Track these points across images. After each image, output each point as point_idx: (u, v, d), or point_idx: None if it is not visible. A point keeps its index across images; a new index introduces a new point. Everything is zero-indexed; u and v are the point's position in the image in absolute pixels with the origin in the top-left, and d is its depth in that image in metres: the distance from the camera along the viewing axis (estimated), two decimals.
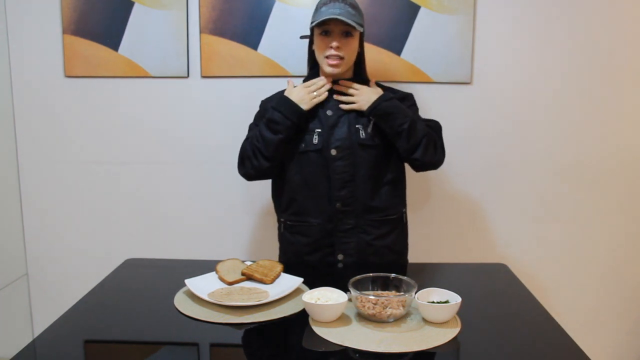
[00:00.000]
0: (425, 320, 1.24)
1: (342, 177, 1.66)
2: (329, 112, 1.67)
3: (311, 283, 1.42)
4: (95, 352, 1.20)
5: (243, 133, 1.74)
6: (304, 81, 1.74)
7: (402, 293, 1.29)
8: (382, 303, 1.23)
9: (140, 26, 2.10)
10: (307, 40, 1.74)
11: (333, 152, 1.66)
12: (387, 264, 1.71)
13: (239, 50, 2.10)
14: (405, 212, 1.80)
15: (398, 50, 2.08)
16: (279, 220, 1.82)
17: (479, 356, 1.16)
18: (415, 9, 2.05)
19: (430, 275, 1.67)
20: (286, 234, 1.77)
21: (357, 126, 1.66)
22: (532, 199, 2.19)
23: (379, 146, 1.68)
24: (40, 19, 2.13)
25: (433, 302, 1.25)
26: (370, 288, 1.34)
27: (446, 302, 1.25)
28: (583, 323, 2.24)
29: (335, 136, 1.66)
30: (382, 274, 1.35)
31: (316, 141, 1.66)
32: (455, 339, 1.18)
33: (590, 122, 2.13)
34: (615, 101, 2.12)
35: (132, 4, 2.09)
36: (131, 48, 2.12)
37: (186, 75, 2.14)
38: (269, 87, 1.88)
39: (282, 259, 1.80)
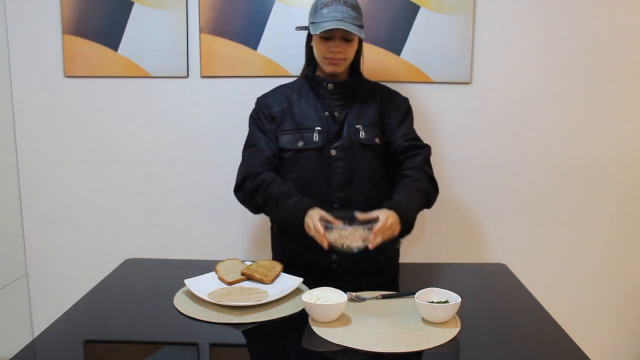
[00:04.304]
0: (425, 320, 1.24)
1: (342, 177, 1.65)
2: (336, 114, 1.65)
3: (306, 284, 1.43)
4: (95, 352, 1.20)
5: (242, 133, 1.74)
6: (302, 76, 1.74)
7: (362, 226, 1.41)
8: (342, 236, 1.39)
9: (140, 26, 2.10)
10: (303, 36, 1.72)
11: (333, 152, 1.65)
12: (380, 265, 1.69)
13: (239, 50, 2.10)
14: None
15: (398, 50, 2.08)
16: (272, 220, 1.79)
17: (478, 356, 1.16)
18: (415, 9, 2.05)
19: (430, 275, 1.67)
20: (279, 234, 1.75)
21: (357, 126, 1.66)
22: (532, 198, 2.19)
23: (378, 147, 1.67)
24: (40, 19, 2.13)
25: (433, 302, 1.25)
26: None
27: (446, 302, 1.25)
28: (583, 323, 2.24)
29: (335, 135, 1.65)
30: (345, 211, 1.48)
31: (317, 139, 1.65)
32: (455, 339, 1.18)
33: (590, 122, 2.13)
34: (615, 101, 2.12)
35: (132, 4, 2.09)
36: (131, 48, 2.12)
37: (186, 75, 2.14)
38: (268, 87, 1.87)
39: (274, 260, 1.79)
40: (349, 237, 1.39)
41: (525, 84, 2.11)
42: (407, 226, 1.53)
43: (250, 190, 1.63)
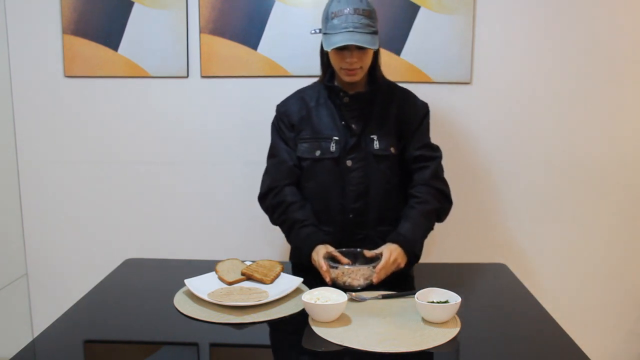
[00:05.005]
0: (425, 320, 1.24)
1: (357, 188, 1.64)
2: (353, 126, 1.64)
3: (306, 284, 1.43)
4: (95, 352, 1.20)
5: (242, 133, 1.74)
6: (321, 82, 1.70)
7: (365, 265, 1.44)
8: (344, 273, 1.42)
9: (140, 26, 2.10)
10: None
11: (349, 162, 1.64)
12: (394, 274, 1.69)
13: (239, 50, 2.10)
14: None
15: (398, 50, 2.08)
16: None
17: (478, 356, 1.16)
18: (415, 9, 2.05)
19: (430, 275, 1.67)
20: None
21: (371, 136, 1.64)
22: (532, 198, 2.19)
23: (393, 157, 1.65)
24: (40, 19, 2.13)
25: (433, 302, 1.25)
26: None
27: (446, 302, 1.25)
28: (583, 323, 2.24)
29: (352, 146, 1.64)
30: (351, 249, 1.53)
31: (333, 149, 1.64)
32: (455, 339, 1.18)
33: (590, 122, 2.13)
34: (614, 101, 2.12)
35: (132, 4, 2.09)
36: (131, 48, 2.12)
37: (186, 75, 2.14)
38: (268, 87, 1.88)
39: (292, 261, 1.79)
40: (352, 275, 1.43)
41: (525, 84, 2.11)
42: (412, 256, 1.57)
43: (272, 205, 1.68)
